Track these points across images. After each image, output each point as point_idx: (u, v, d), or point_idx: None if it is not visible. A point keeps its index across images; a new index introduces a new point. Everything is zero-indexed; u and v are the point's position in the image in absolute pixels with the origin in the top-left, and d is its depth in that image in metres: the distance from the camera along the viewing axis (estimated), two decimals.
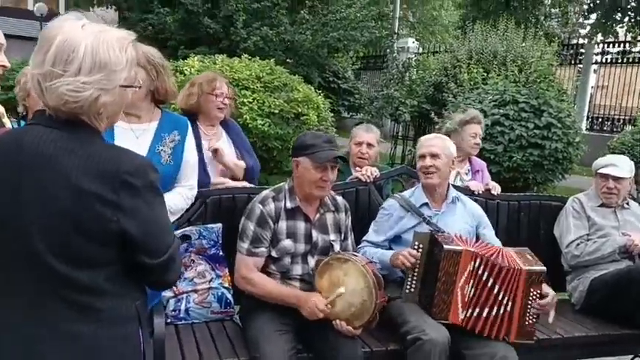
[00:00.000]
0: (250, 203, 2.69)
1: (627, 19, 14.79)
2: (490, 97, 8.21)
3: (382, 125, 12.36)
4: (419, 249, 2.77)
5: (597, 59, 14.63)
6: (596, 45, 14.79)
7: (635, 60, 13.86)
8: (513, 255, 2.79)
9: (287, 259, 2.63)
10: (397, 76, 10.81)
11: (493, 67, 9.61)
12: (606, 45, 14.61)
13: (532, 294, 2.71)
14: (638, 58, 13.82)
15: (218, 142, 3.30)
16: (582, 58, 14.83)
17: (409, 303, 2.78)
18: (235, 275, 2.68)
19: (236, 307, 2.89)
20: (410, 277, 2.79)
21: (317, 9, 10.08)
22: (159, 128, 2.58)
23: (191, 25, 9.52)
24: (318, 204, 2.71)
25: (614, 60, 14.32)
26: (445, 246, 2.68)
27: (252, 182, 3.38)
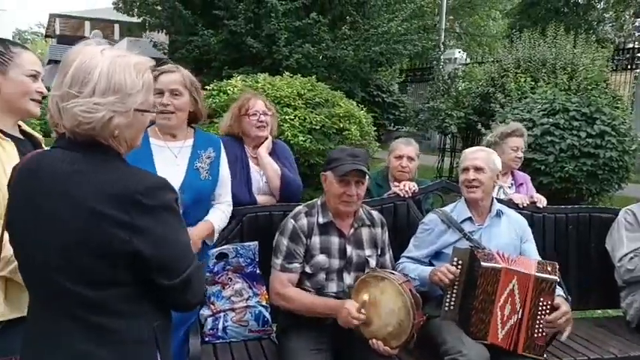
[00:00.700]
0: (285, 219, 2.67)
1: None
2: (539, 106, 7.98)
3: (428, 138, 12.24)
4: (458, 265, 2.68)
5: None
6: None
7: None
8: (533, 263, 2.67)
9: (322, 275, 2.59)
10: (443, 88, 10.68)
11: (542, 76, 9.36)
12: None
13: (542, 304, 2.57)
14: None
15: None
16: (639, 63, 14.25)
17: (448, 321, 2.69)
18: (270, 292, 2.66)
19: (274, 326, 2.87)
20: (449, 295, 2.70)
21: (358, 24, 10.08)
22: (195, 146, 2.63)
23: (234, 46, 9.68)
24: (352, 219, 2.66)
25: None
26: (483, 263, 2.58)
27: (294, 199, 3.34)
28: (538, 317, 2.58)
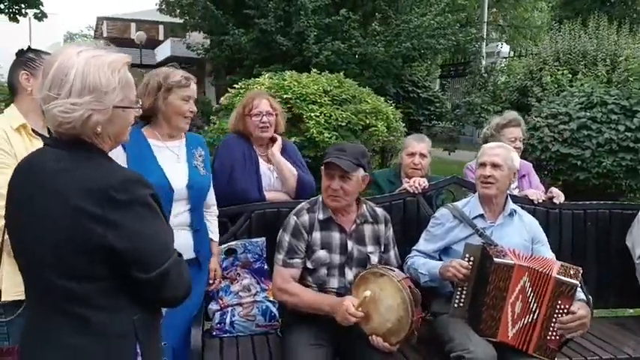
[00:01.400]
0: (288, 216, 2.70)
1: None
2: (576, 100, 7.75)
3: (464, 133, 12.04)
4: (469, 261, 2.64)
5: None
6: None
7: None
8: (554, 265, 2.59)
9: (323, 271, 2.61)
10: (480, 82, 10.49)
11: (581, 68, 9.08)
12: None
13: (559, 306, 2.50)
14: None
15: (273, 166, 3.29)
16: None
17: (456, 319, 2.66)
18: (272, 286, 2.70)
19: (281, 321, 2.91)
20: (459, 292, 2.67)
21: (390, 20, 9.99)
22: (188, 144, 2.69)
23: (265, 44, 9.76)
24: (354, 215, 2.67)
25: None
26: (495, 259, 2.54)
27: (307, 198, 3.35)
28: (553, 320, 2.52)
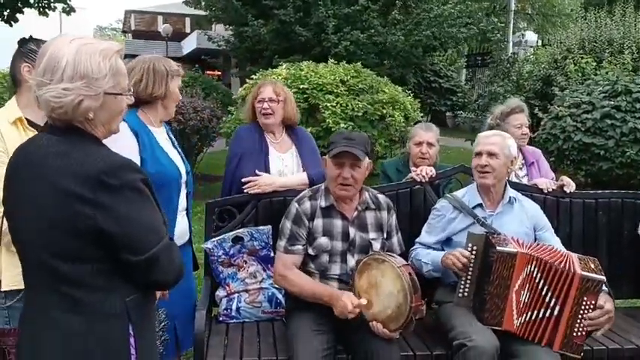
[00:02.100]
0: (291, 203, 2.74)
1: None
2: (600, 89, 7.60)
3: None
4: (472, 251, 2.63)
5: None
6: None
7: None
8: (573, 258, 2.56)
9: (325, 258, 2.63)
10: (502, 72, 10.34)
11: (607, 56, 8.89)
12: None
13: (585, 303, 2.47)
14: None
15: (285, 154, 3.32)
16: None
17: (459, 307, 2.66)
18: (273, 273, 2.74)
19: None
20: (463, 281, 2.66)
21: (410, 8, 9.90)
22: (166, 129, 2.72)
23: (284, 35, 9.78)
24: (356, 202, 2.68)
25: None
26: (498, 247, 2.53)
27: None
28: (579, 317, 2.49)
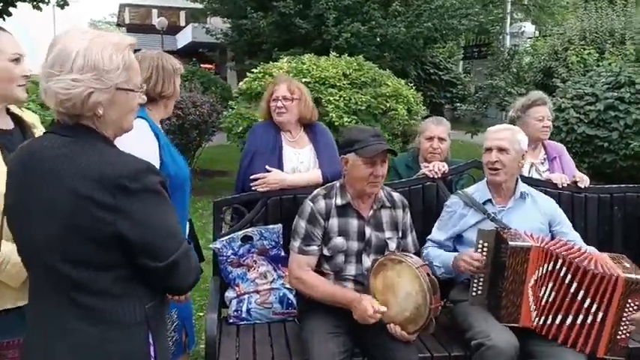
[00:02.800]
0: (304, 202, 2.66)
1: None
2: (603, 80, 7.54)
3: (487, 116, 11.83)
4: (484, 248, 2.57)
5: None
6: None
7: None
8: (607, 259, 2.49)
9: (340, 258, 2.56)
10: (503, 64, 10.27)
11: (609, 47, 8.82)
12: None
13: (629, 305, 2.39)
14: None
15: (302, 150, 3.24)
16: None
17: (475, 306, 2.60)
18: (288, 274, 2.67)
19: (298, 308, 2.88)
20: (476, 280, 2.60)
21: (411, 0, 9.80)
22: None
23: (284, 27, 9.66)
24: (371, 200, 2.61)
25: None
26: (510, 242, 2.46)
27: None
28: (624, 319, 2.41)
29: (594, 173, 7.71)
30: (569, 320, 2.45)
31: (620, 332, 2.41)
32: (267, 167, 3.08)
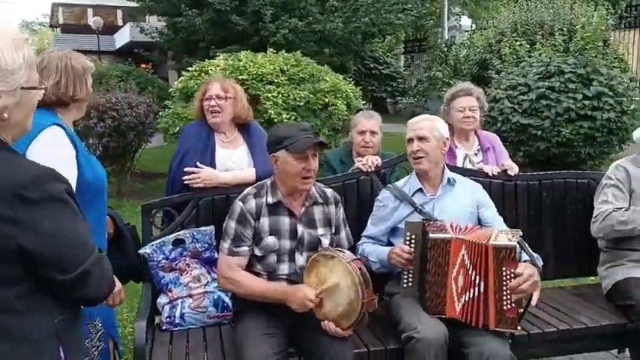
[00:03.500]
0: (234, 202, 2.59)
1: None
2: (534, 70, 7.78)
3: (428, 108, 12.04)
4: (412, 240, 2.59)
5: None
6: None
7: None
8: (494, 233, 2.53)
9: (272, 258, 2.51)
10: (440, 57, 10.46)
11: (539, 38, 9.11)
12: None
13: (505, 273, 2.43)
14: None
15: (236, 150, 3.17)
16: None
17: (407, 298, 2.61)
18: (218, 276, 2.60)
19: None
20: (406, 271, 2.62)
21: None
22: None
23: (221, 24, 9.50)
24: (303, 198, 2.57)
25: None
26: (431, 235, 2.49)
27: None
28: (504, 288, 2.45)
29: (530, 161, 7.97)
30: (466, 298, 2.49)
31: (505, 303, 2.44)
32: (198, 164, 3.01)
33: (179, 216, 2.93)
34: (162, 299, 2.82)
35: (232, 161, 3.12)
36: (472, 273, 2.49)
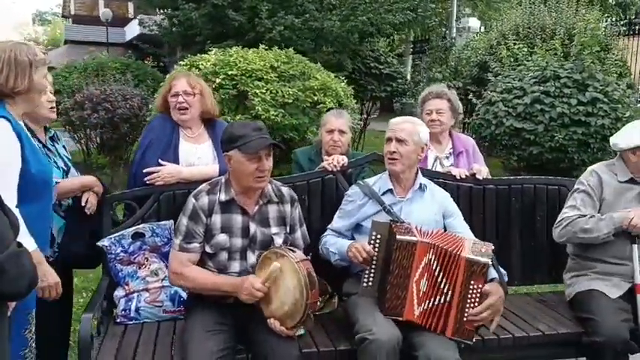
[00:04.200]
0: (188, 198, 2.58)
1: None
2: (531, 74, 7.71)
3: None
4: (377, 239, 2.57)
5: None
6: None
7: None
8: (465, 243, 2.53)
9: (223, 255, 2.50)
10: (440, 58, 10.40)
11: (537, 42, 9.03)
12: None
13: (472, 287, 2.44)
14: None
15: (201, 145, 3.15)
16: None
17: (364, 299, 2.59)
18: (168, 272, 2.59)
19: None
20: (367, 271, 2.60)
21: None
22: None
23: (217, 19, 9.47)
24: (257, 196, 2.56)
25: None
26: (398, 236, 2.47)
27: None
28: (468, 301, 2.46)
29: (524, 166, 7.91)
30: (431, 303, 2.49)
31: (465, 314, 2.45)
32: (160, 161, 3.00)
33: (140, 209, 2.93)
34: (118, 292, 2.82)
35: (197, 156, 3.11)
36: (441, 280, 2.48)
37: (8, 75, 2.15)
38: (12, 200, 2.01)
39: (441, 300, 2.49)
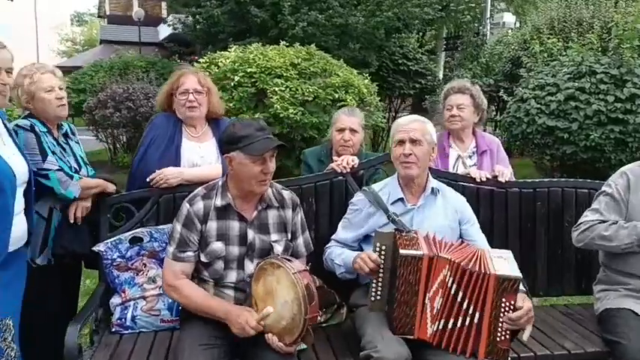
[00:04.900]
0: (182, 203, 2.43)
1: None
2: (565, 70, 7.35)
3: None
4: (382, 251, 2.36)
5: None
6: None
7: None
8: (487, 257, 2.29)
9: (219, 264, 2.34)
10: (471, 54, 10.07)
11: (573, 37, 8.64)
12: None
13: (504, 305, 2.21)
14: None
15: (204, 144, 3.04)
16: None
17: (374, 312, 2.39)
18: (162, 283, 2.44)
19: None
20: (375, 283, 2.39)
21: None
22: None
23: (240, 16, 9.37)
24: (256, 201, 2.39)
25: None
26: (402, 251, 2.25)
27: None
28: (500, 319, 2.22)
29: (558, 165, 7.56)
30: (451, 325, 2.26)
31: (499, 334, 2.22)
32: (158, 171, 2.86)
33: (138, 213, 2.80)
34: (114, 300, 2.70)
35: (200, 155, 2.98)
36: (463, 300, 2.25)
37: None
38: None
39: (465, 322, 2.25)
